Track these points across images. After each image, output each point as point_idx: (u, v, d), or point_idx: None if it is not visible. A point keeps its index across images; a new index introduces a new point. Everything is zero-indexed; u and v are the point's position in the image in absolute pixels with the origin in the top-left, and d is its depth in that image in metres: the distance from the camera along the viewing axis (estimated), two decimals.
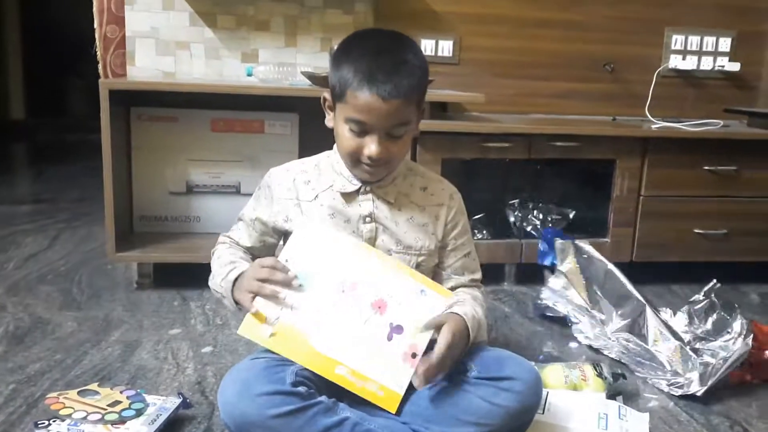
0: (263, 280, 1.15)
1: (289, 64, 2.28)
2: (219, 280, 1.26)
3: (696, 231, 2.30)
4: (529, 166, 2.23)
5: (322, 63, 2.35)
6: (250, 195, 1.38)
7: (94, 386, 1.36)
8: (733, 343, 1.57)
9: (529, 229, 2.25)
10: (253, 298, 1.16)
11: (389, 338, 1.15)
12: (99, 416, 1.25)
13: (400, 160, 1.27)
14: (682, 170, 2.26)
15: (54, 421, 1.26)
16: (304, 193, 1.29)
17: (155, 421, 1.27)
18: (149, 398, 1.34)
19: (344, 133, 1.20)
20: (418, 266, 1.29)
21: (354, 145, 1.19)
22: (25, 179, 4.16)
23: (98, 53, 2.32)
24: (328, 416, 1.13)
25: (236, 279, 1.22)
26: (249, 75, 2.27)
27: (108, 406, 1.29)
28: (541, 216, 2.27)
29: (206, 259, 2.14)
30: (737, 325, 1.60)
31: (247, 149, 2.30)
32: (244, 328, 1.16)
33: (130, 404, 1.30)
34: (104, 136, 1.96)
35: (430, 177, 1.35)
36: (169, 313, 1.93)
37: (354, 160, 1.21)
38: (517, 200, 2.29)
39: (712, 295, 1.73)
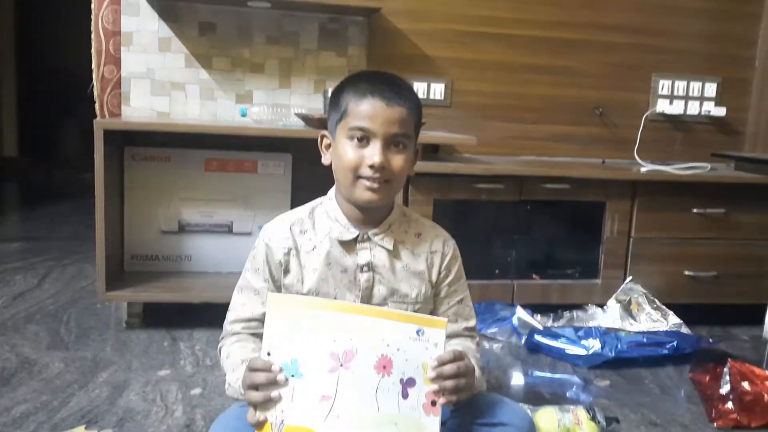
0: (255, 387, 1.05)
1: (283, 105, 2.31)
2: (236, 386, 1.14)
3: (686, 273, 2.31)
4: (520, 207, 2.25)
5: (315, 104, 2.38)
6: (242, 234, 1.35)
7: (80, 429, 1.34)
8: None
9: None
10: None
11: (405, 395, 1.05)
12: None
13: (400, 184, 1.24)
14: (671, 212, 2.28)
15: None
16: (302, 242, 1.26)
17: None
18: None
19: (345, 150, 1.18)
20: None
21: (355, 157, 1.17)
22: (15, 217, 4.14)
23: (95, 93, 2.34)
24: None
25: None
26: (243, 116, 2.30)
27: None
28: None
29: (197, 299, 2.18)
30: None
31: (239, 189, 2.31)
32: None
33: None
34: (98, 175, 1.96)
35: (424, 223, 1.34)
36: (159, 354, 1.91)
37: (354, 176, 1.18)
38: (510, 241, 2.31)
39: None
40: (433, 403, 1.05)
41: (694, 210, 2.29)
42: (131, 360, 1.85)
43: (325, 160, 1.25)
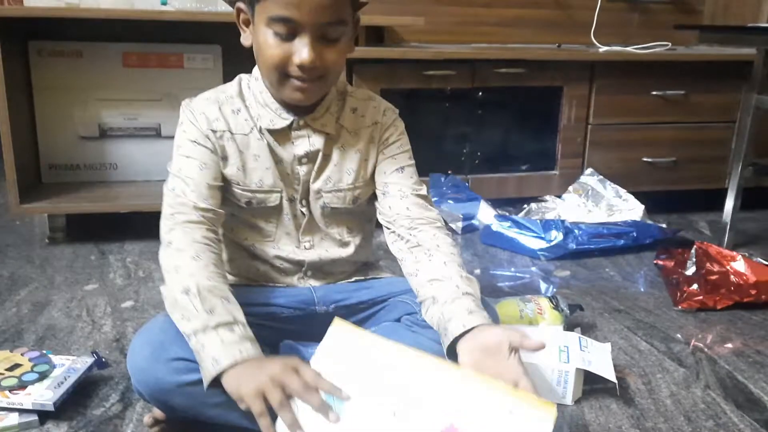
0: (288, 393, 0.84)
1: None
2: (194, 323, 0.91)
3: (644, 159, 2.23)
4: (472, 95, 2.09)
5: None
6: (172, 138, 1.11)
7: (4, 353, 1.18)
8: None
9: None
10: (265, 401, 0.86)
11: None
12: None
13: (336, 76, 1.06)
14: (630, 96, 2.17)
15: None
16: (236, 123, 1.07)
17: (62, 384, 1.10)
18: (57, 359, 1.17)
19: (267, 41, 0.97)
20: (354, 201, 1.13)
21: (280, 54, 0.97)
22: None
23: None
24: None
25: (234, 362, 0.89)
26: (164, 4, 2.04)
27: (6, 370, 1.12)
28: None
29: (126, 209, 1.98)
30: None
31: (165, 86, 2.08)
32: None
33: (32, 367, 1.13)
34: None
35: (360, 96, 1.15)
36: (85, 268, 1.73)
37: (281, 74, 0.99)
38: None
39: None
40: None
41: (654, 92, 2.18)
42: (54, 276, 1.68)
43: (245, 40, 1.04)
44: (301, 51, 0.96)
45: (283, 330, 1.14)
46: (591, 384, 1.19)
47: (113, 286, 1.63)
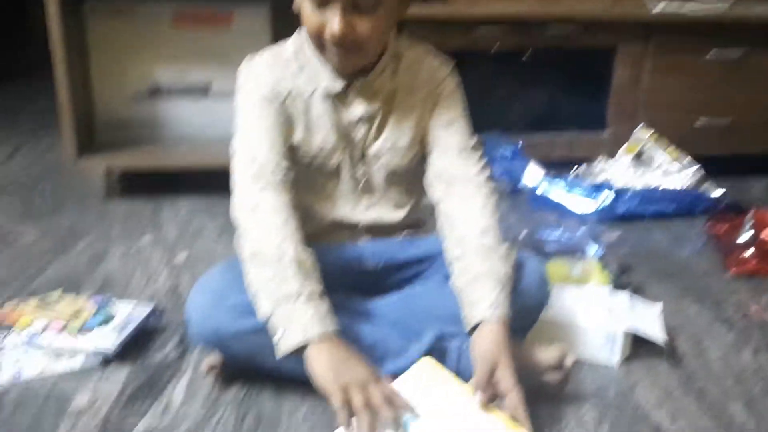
0: (367, 404, 0.88)
1: None
2: (286, 289, 0.93)
3: (700, 121, 2.16)
4: (521, 55, 2.05)
5: None
6: (220, 95, 1.11)
7: (56, 294, 1.24)
8: None
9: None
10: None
11: None
12: (61, 325, 1.13)
13: (375, 45, 1.04)
14: (686, 57, 2.10)
15: (10, 332, 1.14)
16: (298, 86, 1.07)
17: (123, 330, 1.15)
18: (119, 304, 1.22)
19: (305, 9, 0.99)
20: (412, 160, 1.13)
21: (316, 22, 0.97)
22: None
23: None
24: None
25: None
26: None
27: (71, 315, 1.17)
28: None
29: (178, 165, 2.03)
30: None
31: (214, 46, 2.09)
32: None
33: (95, 312, 1.18)
34: (54, 32, 1.78)
35: (415, 52, 1.14)
36: (140, 222, 1.79)
37: (319, 43, 1.00)
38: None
39: None
40: None
41: (711, 52, 2.10)
42: (110, 229, 1.74)
43: (295, 5, 1.03)
44: (332, 22, 0.96)
45: (334, 285, 1.16)
46: (639, 346, 1.19)
47: (167, 239, 1.68)
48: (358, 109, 1.09)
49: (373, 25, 0.97)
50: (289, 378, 1.01)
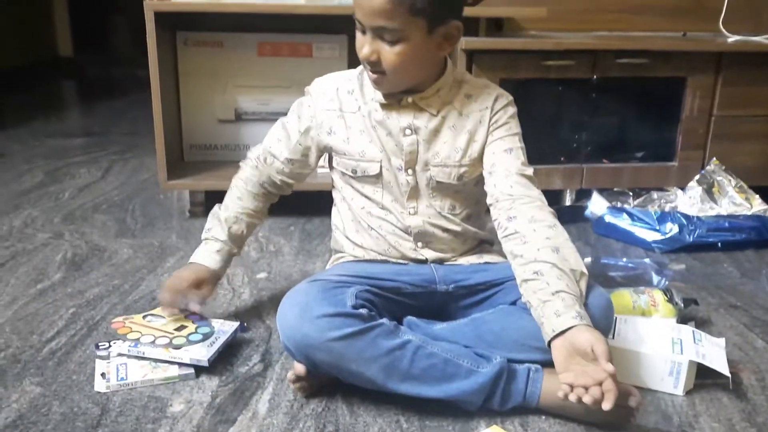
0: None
1: None
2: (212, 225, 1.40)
3: None
4: (591, 84, 2.09)
5: None
6: None
7: (158, 310, 1.35)
8: None
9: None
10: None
11: None
12: (167, 341, 1.24)
13: (401, 75, 1.15)
14: (759, 87, 2.09)
15: (114, 343, 1.26)
16: (348, 103, 1.24)
17: (214, 344, 1.25)
18: (212, 321, 1.33)
19: (357, 35, 1.16)
20: (459, 178, 1.23)
21: (359, 46, 1.15)
22: (75, 114, 4.19)
23: None
24: (390, 339, 1.09)
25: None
26: None
27: (175, 330, 1.28)
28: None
29: None
30: None
31: (295, 74, 2.23)
32: None
33: (196, 328, 1.29)
34: (151, 60, 1.91)
35: (476, 83, 1.26)
36: None
37: (362, 64, 1.18)
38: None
39: None
40: None
41: None
42: (196, 246, 1.86)
43: None
44: (362, 45, 1.13)
45: (406, 305, 1.25)
46: (703, 378, 1.22)
47: (248, 258, 1.79)
48: (405, 119, 1.21)
49: (396, 54, 1.11)
50: (369, 383, 1.10)
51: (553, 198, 2.16)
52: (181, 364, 1.22)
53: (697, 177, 2.11)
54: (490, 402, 1.10)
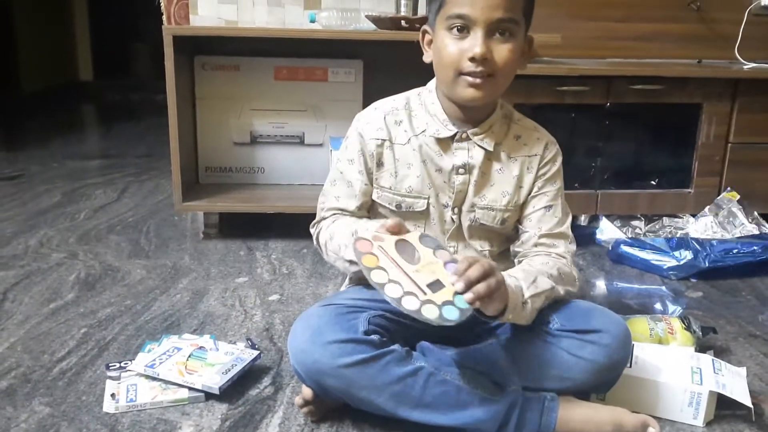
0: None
1: (352, 9, 2.19)
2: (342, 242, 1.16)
3: None
4: (606, 110, 2.09)
5: (386, 8, 2.26)
6: (314, 146, 1.30)
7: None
8: None
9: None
10: None
11: None
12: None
13: (506, 79, 1.12)
14: None
15: (126, 363, 1.25)
16: (396, 134, 1.19)
17: (228, 371, 1.23)
18: (226, 347, 1.31)
19: (444, 43, 1.09)
20: (502, 222, 1.22)
21: (455, 51, 1.07)
22: (94, 136, 4.25)
23: (162, 4, 2.29)
24: (402, 365, 1.07)
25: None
26: (312, 21, 2.20)
27: (427, 286, 1.01)
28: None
29: (272, 209, 2.15)
30: None
31: (310, 98, 2.24)
32: None
33: (453, 295, 1.02)
34: (169, 83, 1.93)
35: (526, 125, 1.24)
36: (236, 262, 1.91)
37: (455, 72, 1.09)
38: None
39: None
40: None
41: None
42: (209, 268, 1.87)
43: (426, 57, 1.17)
44: (474, 45, 1.06)
45: (419, 330, 1.22)
46: (723, 408, 1.19)
47: (261, 280, 1.78)
48: (459, 157, 1.18)
49: (509, 51, 1.07)
50: (379, 410, 1.08)
51: None
52: (191, 389, 1.21)
53: (708, 206, 2.09)
54: (504, 431, 1.08)
